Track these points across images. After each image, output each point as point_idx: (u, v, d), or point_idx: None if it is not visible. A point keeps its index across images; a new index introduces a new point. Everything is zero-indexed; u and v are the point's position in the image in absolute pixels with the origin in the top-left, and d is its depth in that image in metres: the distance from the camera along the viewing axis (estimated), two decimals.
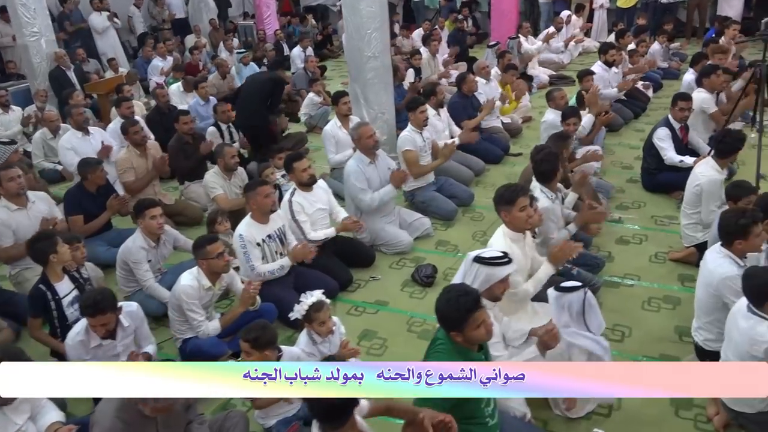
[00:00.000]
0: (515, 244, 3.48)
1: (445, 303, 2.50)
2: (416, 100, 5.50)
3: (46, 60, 8.14)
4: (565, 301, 2.97)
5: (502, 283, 2.96)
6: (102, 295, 3.18)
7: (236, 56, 10.00)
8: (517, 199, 3.41)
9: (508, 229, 3.50)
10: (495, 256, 2.94)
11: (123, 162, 5.38)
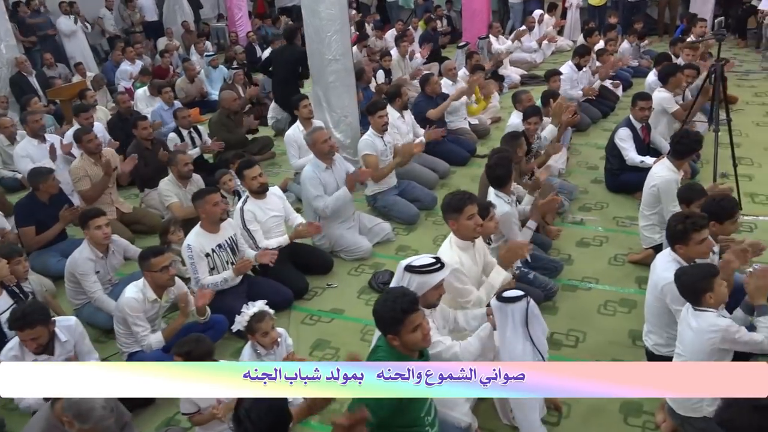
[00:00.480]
0: (464, 252, 3.43)
1: (382, 304, 2.45)
2: (375, 104, 5.43)
3: (7, 66, 7.99)
4: (509, 311, 2.91)
5: (436, 289, 2.90)
6: (31, 308, 3.10)
7: (205, 59, 9.87)
8: (465, 207, 3.34)
9: (456, 237, 3.44)
10: (425, 263, 2.86)
11: (77, 170, 5.27)
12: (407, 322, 2.34)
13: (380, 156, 5.33)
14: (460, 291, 3.35)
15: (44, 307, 3.17)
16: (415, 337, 2.35)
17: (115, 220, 5.38)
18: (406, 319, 2.34)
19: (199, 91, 9.24)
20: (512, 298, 2.91)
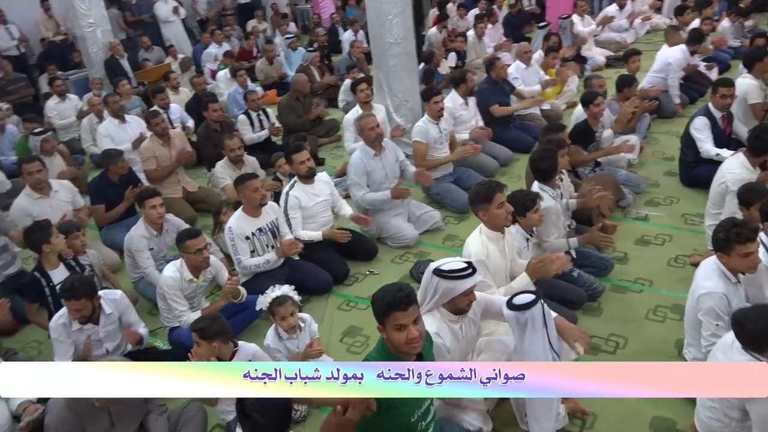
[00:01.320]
0: (493, 243, 3.31)
1: (377, 293, 2.37)
2: (430, 89, 5.31)
3: (102, 49, 8.54)
4: (526, 318, 2.75)
5: (465, 296, 2.77)
6: (79, 281, 3.32)
7: (285, 41, 10.07)
8: (494, 195, 3.24)
9: (487, 228, 3.32)
10: (455, 268, 2.72)
11: (145, 151, 5.57)
12: (391, 317, 2.27)
13: (434, 144, 5.23)
14: (480, 284, 3.23)
15: (91, 282, 3.39)
16: (398, 337, 2.27)
17: (180, 198, 5.68)
18: (390, 314, 2.27)
19: (277, 73, 9.43)
20: (526, 304, 2.76)
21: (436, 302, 2.75)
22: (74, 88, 8.71)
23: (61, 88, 7.84)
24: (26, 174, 4.65)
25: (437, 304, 2.76)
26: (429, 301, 2.78)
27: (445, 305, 2.78)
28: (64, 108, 7.81)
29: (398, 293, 2.26)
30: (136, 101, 7.92)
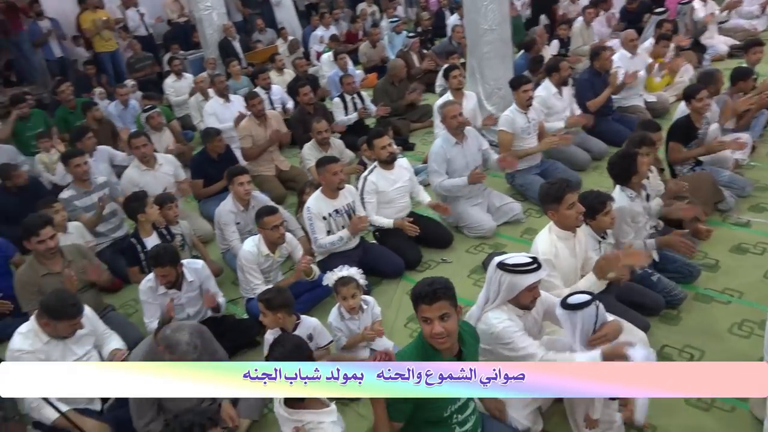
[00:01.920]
0: (562, 242, 3.23)
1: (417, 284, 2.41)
2: (520, 77, 5.17)
3: (217, 31, 9.06)
4: (578, 319, 2.68)
5: (529, 291, 2.74)
6: (165, 250, 3.62)
7: (390, 24, 10.15)
8: (564, 196, 3.14)
9: (556, 227, 3.24)
10: (519, 262, 2.71)
11: (242, 130, 5.89)
12: (419, 309, 2.31)
13: (521, 134, 5.11)
14: (546, 284, 3.16)
15: (175, 251, 3.68)
16: (425, 330, 2.30)
17: (272, 176, 5.97)
18: (418, 305, 2.31)
19: (380, 56, 9.55)
20: (579, 304, 2.68)
21: (501, 298, 2.75)
22: (191, 67, 9.34)
23: (178, 67, 8.43)
24: (134, 147, 5.09)
25: (503, 299, 2.76)
26: (494, 297, 2.78)
27: (510, 301, 2.77)
28: (180, 86, 8.38)
29: (427, 286, 2.29)
30: (244, 81, 8.35)
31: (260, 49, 9.31)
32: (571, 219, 3.20)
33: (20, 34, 9.23)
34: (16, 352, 3.03)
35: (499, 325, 2.72)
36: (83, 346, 3.29)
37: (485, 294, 2.85)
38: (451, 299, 2.32)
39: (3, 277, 4.26)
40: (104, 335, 3.47)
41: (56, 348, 3.14)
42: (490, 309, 2.79)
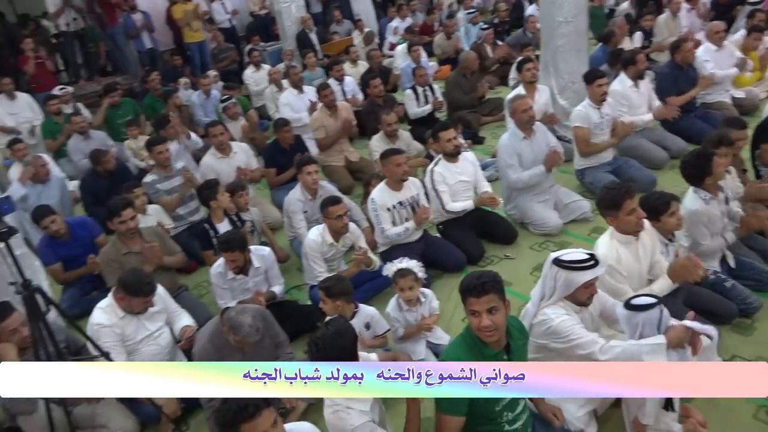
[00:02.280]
0: (624, 247, 3.15)
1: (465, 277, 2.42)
2: (593, 72, 5.01)
3: (295, 23, 9.28)
4: (639, 321, 2.61)
5: (586, 288, 2.71)
6: (233, 236, 3.80)
7: (466, 15, 10.04)
8: (623, 202, 3.06)
9: (619, 232, 3.15)
10: (576, 258, 2.68)
11: (315, 121, 6.04)
12: (467, 301, 2.33)
13: (594, 129, 4.96)
14: (614, 289, 3.09)
15: (243, 237, 3.85)
16: (472, 322, 2.32)
17: (342, 166, 6.09)
18: (466, 298, 2.33)
19: (454, 48, 9.48)
20: (642, 305, 2.61)
21: (558, 295, 2.74)
22: (270, 59, 9.62)
23: (257, 58, 8.71)
24: (211, 136, 5.33)
25: (559, 296, 2.75)
26: (550, 293, 2.77)
27: (566, 297, 2.74)
28: (259, 77, 8.65)
29: (476, 279, 2.31)
30: (319, 72, 8.52)
31: (336, 41, 9.47)
32: (630, 225, 3.11)
33: (115, 26, 9.81)
34: (96, 325, 3.28)
35: (556, 319, 2.70)
36: (155, 323, 3.51)
37: (541, 290, 2.82)
38: (499, 293, 2.33)
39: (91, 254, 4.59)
40: (175, 313, 3.68)
41: (130, 323, 3.37)
42: (546, 305, 2.77)
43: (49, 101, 7.27)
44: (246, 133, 6.59)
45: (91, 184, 5.66)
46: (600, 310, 2.92)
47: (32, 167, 5.45)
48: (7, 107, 7.55)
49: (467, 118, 6.83)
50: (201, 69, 10.15)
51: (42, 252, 4.51)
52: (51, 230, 4.45)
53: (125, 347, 3.36)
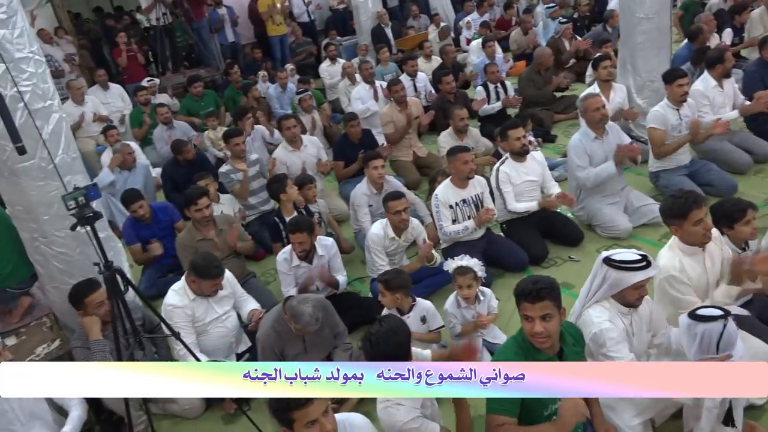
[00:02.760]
0: (689, 257, 3.03)
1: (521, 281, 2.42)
2: (675, 71, 4.80)
3: (371, 18, 9.39)
4: (699, 331, 2.52)
5: (635, 289, 2.66)
6: (302, 218, 3.97)
7: (545, 10, 9.82)
8: (690, 212, 2.93)
9: (683, 242, 3.04)
10: (626, 259, 2.63)
11: (384, 116, 6.12)
12: (521, 306, 2.32)
13: (671, 132, 4.77)
14: (677, 300, 3.00)
15: (310, 221, 4.00)
16: (525, 327, 2.32)
17: (409, 161, 6.15)
18: (520, 302, 2.32)
19: (531, 44, 9.30)
20: (707, 317, 2.52)
21: (604, 292, 2.71)
22: (345, 53, 9.79)
23: (333, 52, 8.89)
24: (284, 129, 5.52)
25: (605, 294, 2.71)
26: (597, 290, 2.73)
27: (614, 296, 2.70)
28: (334, 70, 8.83)
29: (532, 284, 2.30)
30: (392, 67, 8.58)
31: (410, 36, 9.51)
32: (697, 236, 2.98)
33: (200, 21, 10.27)
34: (168, 306, 3.50)
35: (599, 325, 2.65)
36: (223, 306, 3.70)
37: (588, 287, 2.78)
38: (555, 299, 2.32)
39: (168, 238, 4.89)
40: (242, 298, 3.86)
41: (200, 305, 3.57)
42: (590, 304, 2.73)
43: (138, 92, 7.73)
44: (324, 120, 6.77)
45: (171, 172, 6.00)
46: (651, 310, 2.84)
47: (120, 155, 5.83)
48: (101, 97, 8.10)
49: (539, 115, 6.72)
50: (282, 62, 10.48)
51: (125, 232, 4.86)
52: (138, 214, 4.77)
53: (195, 328, 3.56)
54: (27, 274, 3.72)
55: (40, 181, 3.30)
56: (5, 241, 3.59)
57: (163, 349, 3.74)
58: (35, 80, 3.20)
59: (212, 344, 3.65)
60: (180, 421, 3.60)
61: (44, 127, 3.25)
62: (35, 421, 2.98)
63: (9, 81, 3.01)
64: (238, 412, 3.54)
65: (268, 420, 3.40)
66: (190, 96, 7.96)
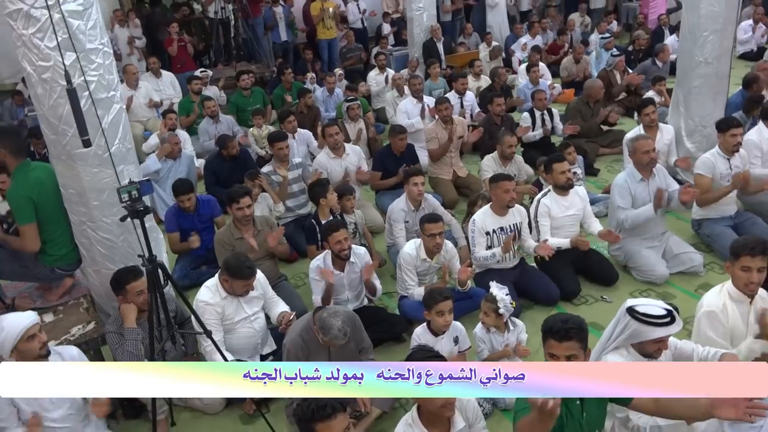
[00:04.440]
0: (735, 303, 3.03)
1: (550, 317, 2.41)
2: (729, 120, 4.72)
3: (424, 32, 9.42)
4: None
5: (655, 343, 2.64)
6: (337, 220, 4.10)
7: (600, 40, 9.74)
8: (742, 255, 2.95)
9: (732, 285, 3.02)
10: (651, 313, 2.60)
11: (429, 132, 6.14)
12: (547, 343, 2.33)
13: (719, 180, 4.68)
14: (710, 341, 2.97)
15: (343, 223, 4.11)
16: None
17: (449, 180, 6.15)
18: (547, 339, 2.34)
19: (582, 72, 9.24)
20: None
21: (623, 340, 2.70)
22: (395, 63, 9.84)
23: (382, 61, 8.94)
24: (327, 135, 5.58)
25: (625, 342, 2.71)
26: (617, 336, 2.72)
27: (633, 345, 2.70)
28: (381, 79, 8.88)
29: (561, 323, 2.30)
30: (441, 83, 8.60)
31: (461, 53, 9.52)
32: (739, 281, 3.01)
33: (256, 17, 10.45)
34: (200, 302, 3.57)
35: None
36: (253, 307, 3.76)
37: (610, 332, 2.77)
38: (582, 341, 2.32)
39: (207, 231, 4.99)
40: (272, 300, 3.91)
41: (231, 304, 3.64)
42: (609, 350, 2.71)
43: (192, 80, 7.91)
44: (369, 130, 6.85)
45: (215, 166, 6.12)
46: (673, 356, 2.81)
47: (169, 145, 5.96)
48: (153, 84, 8.30)
49: (584, 147, 6.66)
50: (329, 66, 10.59)
51: (168, 219, 4.98)
52: (185, 205, 4.87)
53: (223, 325, 3.62)
54: (77, 258, 3.83)
55: (95, 167, 3.40)
56: (64, 226, 3.70)
57: (190, 343, 3.81)
58: (102, 71, 3.31)
59: (238, 343, 3.71)
60: (200, 416, 3.67)
61: (105, 117, 3.36)
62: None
63: (78, 70, 3.12)
64: (257, 413, 3.59)
65: (285, 425, 3.46)
66: (239, 91, 8.10)
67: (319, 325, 3.27)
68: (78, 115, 2.51)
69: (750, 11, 10.68)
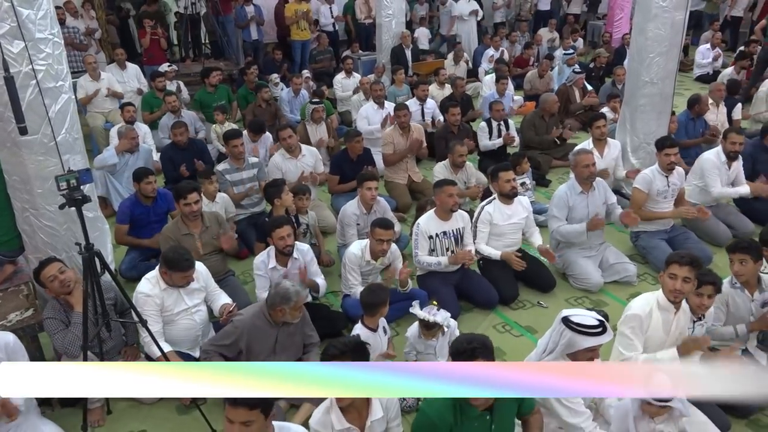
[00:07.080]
0: (660, 311, 3.22)
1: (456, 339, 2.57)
2: (665, 139, 4.94)
3: (393, 38, 9.57)
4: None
5: (588, 352, 2.79)
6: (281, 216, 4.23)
7: (563, 55, 10.00)
8: (671, 263, 3.17)
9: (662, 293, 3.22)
10: (585, 323, 2.75)
11: (386, 137, 6.26)
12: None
13: (656, 196, 4.90)
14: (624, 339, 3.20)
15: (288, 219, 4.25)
16: None
17: (404, 185, 6.28)
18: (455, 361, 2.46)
19: (545, 86, 9.46)
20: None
21: (559, 351, 2.82)
22: (363, 68, 9.96)
23: (349, 66, 9.05)
24: (281, 139, 5.66)
25: (561, 353, 2.82)
26: (552, 347, 2.85)
27: (569, 355, 2.82)
28: (347, 83, 8.99)
29: (466, 344, 2.46)
30: (405, 90, 8.73)
31: (428, 62, 9.68)
32: (665, 287, 3.21)
33: (227, 15, 10.47)
34: (140, 293, 3.62)
35: None
36: (193, 299, 3.82)
37: (546, 342, 2.91)
38: (488, 358, 2.45)
39: (160, 224, 5.00)
40: (214, 293, 3.98)
41: (171, 296, 3.69)
42: (546, 360, 2.84)
43: (156, 77, 7.90)
44: (331, 133, 6.96)
45: (171, 154, 6.14)
46: None
47: (126, 140, 5.96)
48: (117, 75, 8.27)
49: (537, 158, 6.85)
50: (300, 67, 10.66)
51: (121, 209, 4.98)
52: (147, 190, 4.88)
53: (163, 317, 3.67)
54: (19, 245, 3.85)
55: (40, 156, 3.44)
56: (7, 213, 3.72)
57: (131, 333, 3.85)
58: (51, 61, 3.35)
59: (178, 335, 3.76)
60: (136, 405, 3.70)
61: (52, 106, 3.40)
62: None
63: (26, 59, 3.16)
64: (192, 405, 3.64)
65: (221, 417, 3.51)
66: (204, 87, 8.12)
67: (278, 299, 3.36)
68: (14, 100, 2.56)
69: (709, 35, 11.09)
